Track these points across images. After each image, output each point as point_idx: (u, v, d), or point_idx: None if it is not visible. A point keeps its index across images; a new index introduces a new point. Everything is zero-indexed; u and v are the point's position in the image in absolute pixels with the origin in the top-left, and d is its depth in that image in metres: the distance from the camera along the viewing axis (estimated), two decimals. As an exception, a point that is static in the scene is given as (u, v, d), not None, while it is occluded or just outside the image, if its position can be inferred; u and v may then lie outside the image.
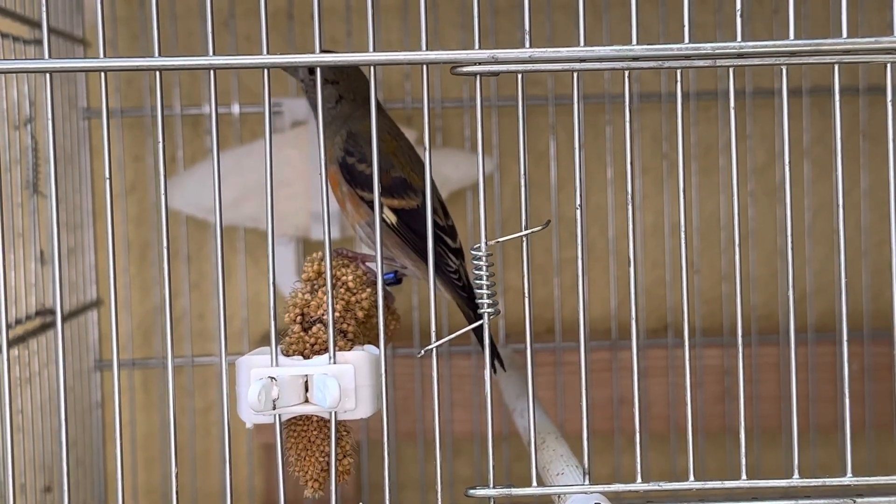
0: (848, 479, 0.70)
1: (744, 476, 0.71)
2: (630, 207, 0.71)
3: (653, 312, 1.29)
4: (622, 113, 0.70)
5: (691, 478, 0.71)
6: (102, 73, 0.69)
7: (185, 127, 1.26)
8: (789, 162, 0.71)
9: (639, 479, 0.71)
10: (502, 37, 1.26)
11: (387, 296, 0.89)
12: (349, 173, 0.86)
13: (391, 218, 0.87)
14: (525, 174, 0.70)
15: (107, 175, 0.69)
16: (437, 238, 0.86)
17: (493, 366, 0.86)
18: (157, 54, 0.69)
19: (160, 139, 0.69)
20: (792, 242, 0.72)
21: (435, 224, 0.87)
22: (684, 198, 0.71)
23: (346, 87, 0.90)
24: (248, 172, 1.19)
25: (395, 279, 0.88)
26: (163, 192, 0.70)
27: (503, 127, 1.26)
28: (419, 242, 0.86)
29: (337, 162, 0.87)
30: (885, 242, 1.26)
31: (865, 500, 0.70)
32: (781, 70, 0.70)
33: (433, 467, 0.72)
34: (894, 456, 0.78)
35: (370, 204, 0.85)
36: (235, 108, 1.24)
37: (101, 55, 0.69)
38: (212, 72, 0.69)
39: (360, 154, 0.87)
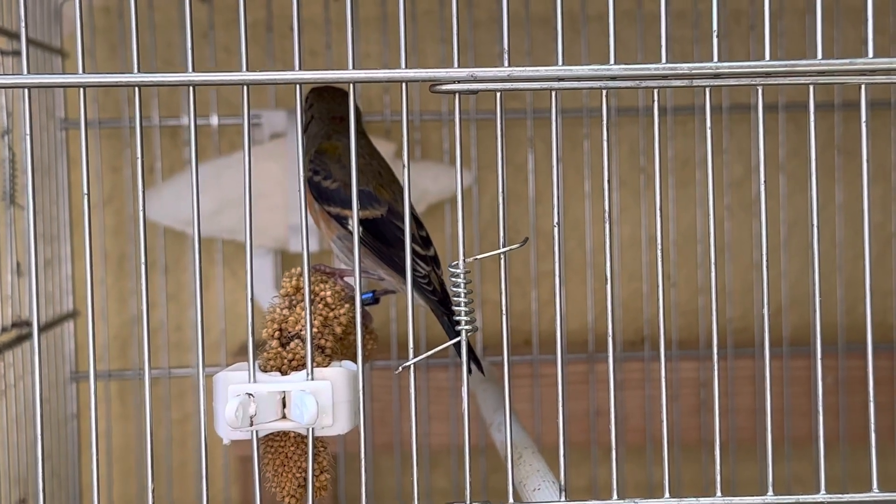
0: (821, 497, 0.71)
1: (719, 493, 0.71)
2: (607, 223, 0.72)
3: (630, 325, 1.29)
4: (600, 126, 0.71)
5: (667, 494, 0.71)
6: (81, 89, 0.69)
7: (163, 138, 1.25)
8: (765, 178, 0.72)
9: (615, 496, 0.71)
10: (482, 49, 1.26)
11: (365, 315, 0.90)
12: (317, 191, 0.88)
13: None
14: (503, 192, 0.71)
15: (85, 191, 0.68)
16: (401, 245, 0.87)
17: (469, 370, 0.86)
18: (135, 70, 0.69)
19: (139, 155, 0.69)
20: (767, 256, 0.72)
21: (401, 232, 0.88)
22: (661, 211, 0.72)
23: (318, 107, 0.92)
24: (226, 184, 1.19)
25: (374, 299, 0.89)
26: (141, 206, 0.70)
27: (481, 140, 1.26)
28: (384, 250, 0.87)
29: (307, 181, 0.89)
30: (859, 256, 1.28)
31: (838, 516, 0.70)
32: (757, 89, 0.71)
33: (410, 479, 0.72)
34: (868, 468, 0.79)
35: (338, 219, 0.87)
36: (214, 120, 1.24)
37: (80, 70, 0.69)
38: (191, 88, 0.69)
39: (325, 172, 0.90)
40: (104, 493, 1.24)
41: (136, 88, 0.69)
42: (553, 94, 0.70)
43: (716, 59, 0.69)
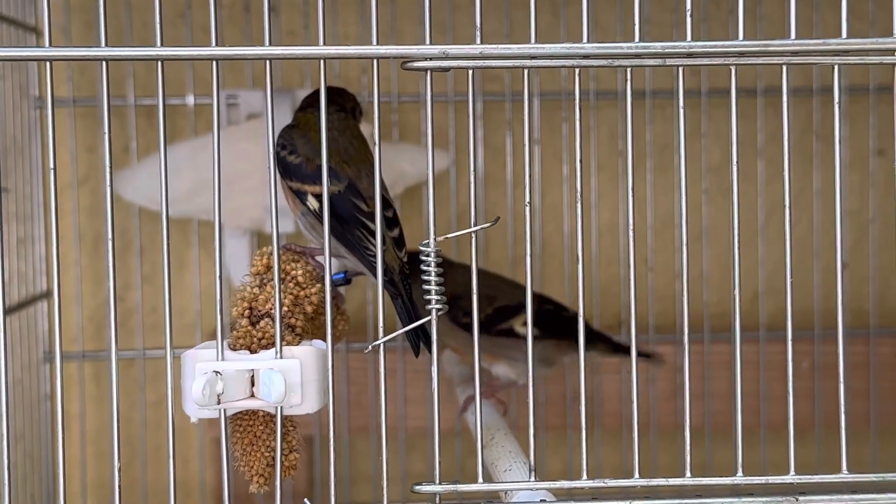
0: (791, 478, 0.71)
1: (688, 473, 0.71)
2: (580, 205, 0.71)
3: (607, 309, 1.29)
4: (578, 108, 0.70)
5: (636, 475, 0.71)
6: (48, 63, 0.68)
7: (138, 118, 1.24)
8: (737, 161, 0.72)
9: (584, 476, 0.71)
10: (460, 31, 1.26)
11: (336, 296, 0.89)
12: (282, 165, 0.87)
13: (314, 204, 0.87)
14: (475, 171, 0.70)
15: (52, 165, 0.68)
16: (357, 222, 0.85)
17: (417, 347, 0.85)
18: (103, 44, 0.68)
19: (106, 130, 0.68)
20: (740, 242, 0.72)
21: (358, 209, 0.86)
22: (634, 195, 0.72)
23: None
24: (202, 164, 1.18)
25: (345, 280, 0.87)
26: (108, 183, 0.70)
27: (459, 122, 1.25)
28: (338, 227, 0.85)
29: (276, 156, 0.88)
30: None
31: (807, 498, 0.70)
32: (731, 69, 0.71)
33: (385, 461, 0.71)
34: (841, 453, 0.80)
35: (298, 194, 0.86)
36: (190, 100, 1.23)
37: (48, 44, 0.68)
38: (160, 63, 0.68)
39: (291, 146, 0.88)
40: (78, 476, 1.23)
41: (104, 63, 0.68)
42: (526, 72, 0.70)
43: (689, 38, 0.69)
